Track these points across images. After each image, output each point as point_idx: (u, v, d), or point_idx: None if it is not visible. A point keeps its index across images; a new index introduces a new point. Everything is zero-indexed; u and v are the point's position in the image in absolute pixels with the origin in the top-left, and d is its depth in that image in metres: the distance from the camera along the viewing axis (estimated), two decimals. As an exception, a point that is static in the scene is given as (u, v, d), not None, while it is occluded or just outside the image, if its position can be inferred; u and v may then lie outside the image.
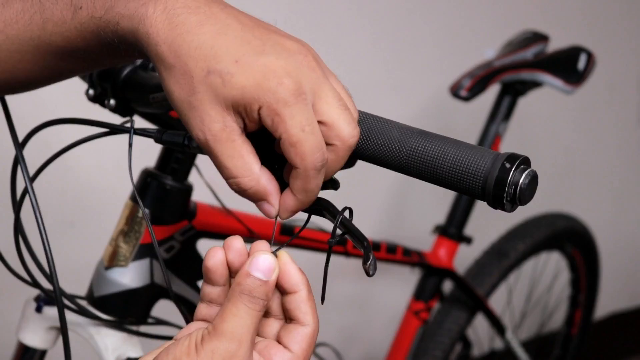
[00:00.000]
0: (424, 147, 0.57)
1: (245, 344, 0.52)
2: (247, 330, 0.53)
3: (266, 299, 0.54)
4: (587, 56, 1.56)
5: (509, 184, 0.54)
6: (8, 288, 1.13)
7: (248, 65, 0.53)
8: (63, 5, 0.58)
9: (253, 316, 0.53)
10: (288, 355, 0.55)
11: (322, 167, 0.54)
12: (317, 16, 1.71)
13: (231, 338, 0.52)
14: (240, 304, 0.54)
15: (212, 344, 0.52)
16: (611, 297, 2.46)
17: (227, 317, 0.53)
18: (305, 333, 0.55)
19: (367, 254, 0.54)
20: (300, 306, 0.56)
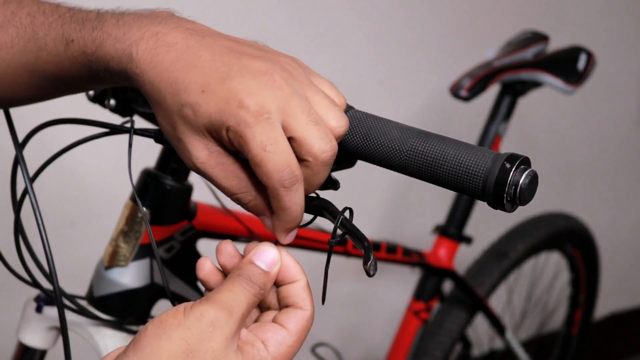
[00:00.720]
0: (424, 147, 0.57)
1: (234, 317, 0.53)
2: (239, 305, 0.54)
3: (264, 289, 0.55)
4: (587, 56, 1.56)
5: (509, 184, 0.54)
6: (8, 288, 1.12)
7: (213, 93, 0.55)
8: (55, 36, 0.60)
9: (247, 296, 0.54)
10: (282, 331, 0.55)
11: (293, 184, 0.55)
12: (317, 16, 1.71)
13: (222, 307, 0.53)
14: (237, 283, 0.55)
15: (202, 308, 0.53)
16: (611, 297, 2.46)
17: (222, 290, 0.54)
18: (303, 315, 0.56)
19: (367, 255, 0.54)
20: (300, 292, 0.57)
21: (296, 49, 1.77)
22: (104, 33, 0.58)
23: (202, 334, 0.52)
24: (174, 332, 0.52)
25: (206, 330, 0.52)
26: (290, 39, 1.67)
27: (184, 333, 0.52)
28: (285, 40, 1.66)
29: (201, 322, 0.52)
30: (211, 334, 0.52)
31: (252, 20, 1.60)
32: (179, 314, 0.53)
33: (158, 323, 0.53)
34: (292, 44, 1.68)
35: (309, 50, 1.71)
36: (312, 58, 1.85)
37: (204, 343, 0.52)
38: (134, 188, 0.65)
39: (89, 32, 0.59)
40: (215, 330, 0.52)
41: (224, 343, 0.52)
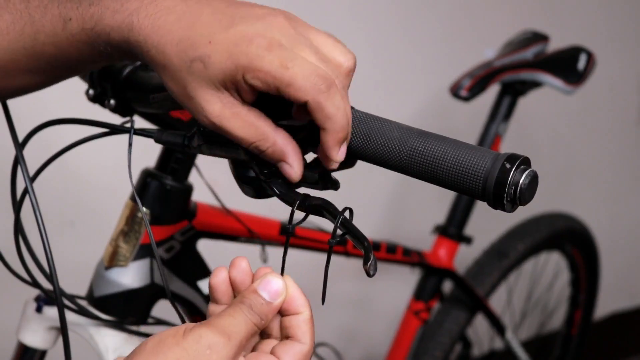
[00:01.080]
0: (424, 148, 0.57)
1: (232, 342, 0.53)
2: (239, 331, 0.53)
3: (265, 319, 0.55)
4: (587, 56, 1.56)
5: (509, 184, 0.54)
6: (8, 288, 1.12)
7: (220, 42, 0.56)
8: (52, 17, 0.60)
9: (248, 324, 0.54)
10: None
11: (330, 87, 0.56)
12: (317, 16, 1.71)
13: (221, 332, 0.53)
14: (239, 310, 0.55)
15: (201, 331, 0.52)
16: (611, 297, 2.46)
17: (223, 315, 0.54)
18: (301, 349, 0.56)
19: (367, 255, 0.54)
20: (301, 325, 0.56)
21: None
22: (102, 7, 0.58)
23: (198, 356, 0.51)
24: (171, 352, 0.52)
25: (203, 353, 0.51)
26: (290, 39, 1.67)
27: (180, 353, 0.51)
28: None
29: (199, 345, 0.52)
30: (208, 356, 0.51)
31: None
32: (179, 334, 0.52)
33: (157, 341, 0.52)
34: (292, 44, 1.68)
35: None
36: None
37: None
38: (134, 188, 0.65)
39: (86, 9, 0.59)
40: (212, 353, 0.52)
41: None
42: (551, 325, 2.18)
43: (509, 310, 1.97)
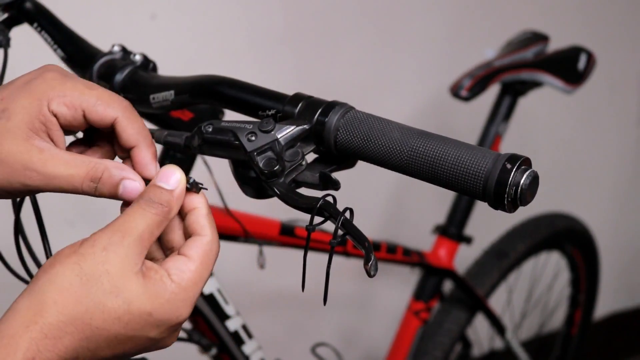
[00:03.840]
0: (424, 148, 0.57)
1: (128, 238, 0.52)
2: (135, 226, 0.53)
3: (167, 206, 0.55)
4: (587, 56, 1.56)
5: (510, 185, 0.54)
6: (8, 288, 1.12)
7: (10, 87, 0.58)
8: None
9: (145, 216, 0.54)
10: (183, 258, 0.55)
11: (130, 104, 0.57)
12: (316, 16, 1.71)
13: (115, 230, 0.53)
14: (135, 206, 0.54)
15: (95, 235, 0.53)
16: (611, 297, 2.46)
17: (119, 217, 0.54)
18: (203, 241, 0.56)
19: (368, 255, 0.54)
20: (200, 220, 0.57)
21: (296, 49, 1.78)
22: None
23: (95, 258, 0.51)
24: (68, 259, 0.52)
25: (100, 254, 0.51)
26: (290, 39, 1.67)
27: (77, 258, 0.52)
28: (285, 41, 1.66)
29: (94, 247, 0.52)
30: (105, 257, 0.51)
31: (252, 21, 1.60)
32: (76, 244, 0.53)
33: (55, 255, 0.53)
34: (292, 44, 1.68)
35: (309, 50, 1.71)
36: (312, 58, 1.86)
37: (98, 266, 0.51)
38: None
39: None
40: (109, 253, 0.52)
41: (120, 265, 0.51)
42: (551, 325, 2.18)
43: (509, 310, 1.97)
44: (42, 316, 0.50)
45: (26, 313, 0.50)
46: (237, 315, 1.10)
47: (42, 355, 0.49)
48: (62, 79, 0.57)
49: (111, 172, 0.56)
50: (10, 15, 0.87)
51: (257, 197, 0.62)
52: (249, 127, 0.60)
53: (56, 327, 0.50)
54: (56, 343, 0.50)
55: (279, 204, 0.61)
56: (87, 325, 0.50)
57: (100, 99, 0.56)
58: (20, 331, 0.49)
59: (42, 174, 0.55)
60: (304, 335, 1.82)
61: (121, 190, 0.56)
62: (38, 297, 0.51)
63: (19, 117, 0.55)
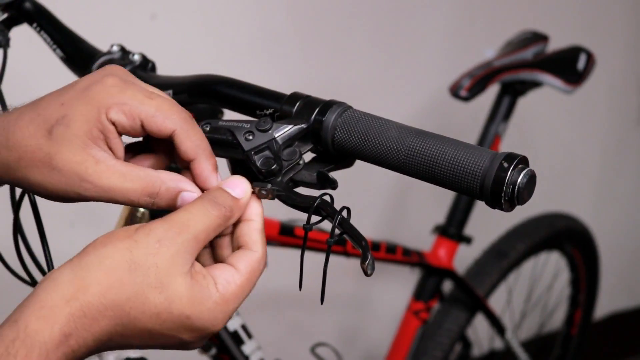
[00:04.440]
0: (422, 147, 0.57)
1: (184, 235, 0.52)
2: (194, 224, 0.52)
3: (230, 212, 0.54)
4: (586, 56, 1.56)
5: (507, 184, 0.54)
6: (8, 288, 1.12)
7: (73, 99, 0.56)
8: None
9: (206, 216, 0.53)
10: (232, 270, 0.54)
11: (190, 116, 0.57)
12: (316, 16, 1.71)
13: (172, 225, 0.52)
14: (198, 204, 0.54)
15: (152, 225, 0.52)
16: (611, 297, 2.46)
17: (179, 210, 0.53)
18: (253, 257, 0.55)
19: (365, 254, 0.54)
20: (252, 234, 0.56)
21: (296, 49, 1.78)
22: None
23: (148, 248, 0.51)
24: (121, 243, 0.51)
25: (153, 246, 0.51)
26: (290, 39, 1.67)
27: (130, 244, 0.51)
28: (284, 40, 1.66)
29: (149, 237, 0.51)
30: (157, 249, 0.51)
31: (252, 20, 1.60)
32: (131, 229, 0.52)
33: (108, 234, 0.52)
34: (292, 44, 1.68)
35: (309, 50, 1.71)
36: (311, 58, 1.86)
37: (149, 257, 0.51)
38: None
39: None
40: (162, 246, 0.51)
41: (169, 261, 0.51)
42: (551, 325, 2.18)
43: (509, 310, 1.97)
44: (84, 294, 0.50)
45: (68, 287, 0.50)
46: (237, 315, 1.10)
47: (78, 333, 0.49)
48: (123, 85, 0.55)
49: (168, 186, 0.56)
50: (9, 15, 0.87)
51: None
52: (246, 126, 0.60)
53: (96, 308, 0.50)
54: (93, 323, 0.50)
55: (278, 204, 0.61)
56: (125, 313, 0.50)
57: (159, 109, 0.55)
58: (60, 304, 0.49)
59: (98, 186, 0.54)
60: (304, 335, 1.82)
61: (179, 203, 0.56)
62: (82, 273, 0.50)
63: (77, 124, 0.54)
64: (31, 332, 0.48)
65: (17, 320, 0.49)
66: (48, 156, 0.54)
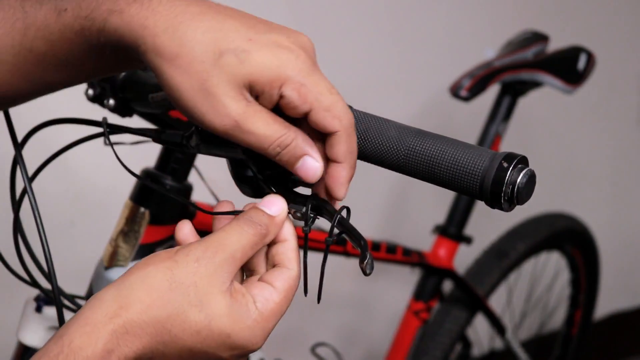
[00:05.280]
0: (421, 147, 0.57)
1: (220, 255, 0.53)
2: (231, 243, 0.53)
3: (266, 230, 0.55)
4: (587, 56, 1.56)
5: (506, 183, 0.54)
6: (8, 288, 1.13)
7: (262, 42, 0.53)
8: (46, 10, 0.57)
9: (243, 235, 0.54)
10: (270, 288, 0.55)
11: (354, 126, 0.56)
12: (317, 16, 1.71)
13: (210, 244, 0.53)
14: (234, 224, 0.55)
15: (191, 246, 0.53)
16: (611, 297, 2.46)
17: (217, 231, 0.54)
18: (289, 275, 0.56)
19: (363, 253, 0.55)
20: (288, 252, 0.56)
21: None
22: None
23: (187, 268, 0.52)
24: (162, 263, 0.52)
25: (192, 265, 0.52)
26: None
27: (170, 264, 0.52)
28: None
29: (188, 257, 0.52)
30: (196, 269, 0.52)
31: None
32: (172, 250, 0.53)
33: (152, 255, 0.53)
34: (292, 44, 1.68)
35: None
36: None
37: (188, 276, 0.52)
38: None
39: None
40: (200, 266, 0.52)
41: (208, 280, 0.52)
42: (551, 325, 2.18)
43: (509, 310, 1.97)
44: (127, 311, 0.51)
45: (111, 305, 0.51)
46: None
47: (120, 350, 0.50)
48: (312, 67, 0.54)
49: (298, 143, 0.55)
50: None
51: (254, 196, 0.62)
52: (246, 126, 0.60)
53: (138, 325, 0.51)
54: (135, 340, 0.51)
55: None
56: (166, 330, 0.51)
57: (334, 106, 0.54)
58: (104, 321, 0.50)
59: (240, 126, 0.53)
60: (304, 335, 1.83)
61: (299, 164, 0.55)
62: (125, 292, 0.51)
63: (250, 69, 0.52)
64: (75, 348, 0.49)
65: (62, 336, 0.50)
66: (205, 73, 0.52)
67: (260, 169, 0.60)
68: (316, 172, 0.56)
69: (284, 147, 0.54)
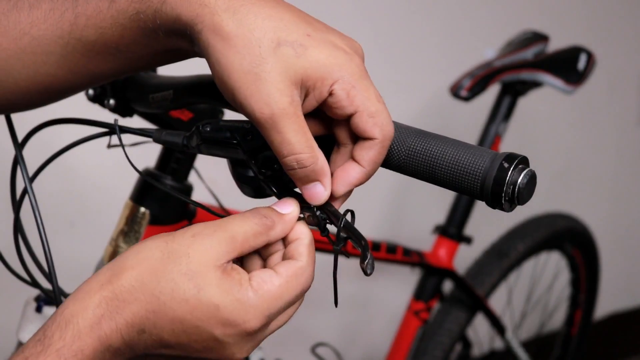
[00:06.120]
0: (422, 147, 0.57)
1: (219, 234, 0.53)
2: (232, 227, 0.53)
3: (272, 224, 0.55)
4: (587, 56, 1.56)
5: (507, 184, 0.54)
6: (8, 288, 1.13)
7: (319, 40, 0.53)
8: None
9: (247, 222, 0.54)
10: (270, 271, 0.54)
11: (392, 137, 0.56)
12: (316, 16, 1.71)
13: (211, 224, 0.54)
14: (241, 214, 0.55)
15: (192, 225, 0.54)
16: (611, 297, 2.46)
17: (228, 218, 0.55)
18: (295, 264, 0.55)
19: (364, 253, 0.55)
20: (299, 246, 0.56)
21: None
22: None
23: (182, 241, 0.52)
24: (160, 238, 0.53)
25: (188, 239, 0.53)
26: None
27: (167, 238, 0.53)
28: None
29: (185, 232, 0.53)
30: (191, 242, 0.52)
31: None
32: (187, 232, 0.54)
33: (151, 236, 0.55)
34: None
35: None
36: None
37: (182, 248, 0.52)
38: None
39: None
40: (196, 240, 0.52)
41: (202, 253, 0.52)
42: (551, 325, 2.18)
43: (509, 310, 1.97)
44: (118, 278, 0.52)
45: (105, 273, 0.53)
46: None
47: (110, 315, 0.51)
48: (363, 73, 0.54)
49: (315, 169, 0.55)
50: None
51: (255, 197, 0.62)
52: (247, 126, 0.60)
53: (127, 290, 0.51)
54: (124, 306, 0.51)
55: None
56: (155, 297, 0.51)
57: (379, 114, 0.54)
58: (95, 288, 0.52)
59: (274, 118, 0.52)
60: (304, 335, 1.83)
61: (309, 187, 0.56)
62: (120, 262, 0.53)
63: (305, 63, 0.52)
64: (67, 315, 0.51)
65: (61, 307, 0.52)
66: (259, 58, 0.52)
67: (260, 169, 0.60)
68: (320, 199, 0.57)
69: (301, 166, 0.55)
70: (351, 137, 0.57)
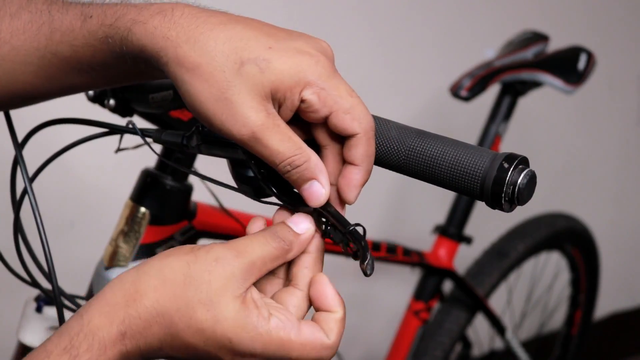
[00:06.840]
0: (422, 147, 0.57)
1: (240, 259, 0.53)
2: (252, 251, 0.54)
3: (289, 246, 0.55)
4: (587, 56, 1.56)
5: (507, 184, 0.54)
6: (8, 288, 1.13)
7: (282, 49, 0.54)
8: (72, 16, 0.58)
9: (266, 245, 0.54)
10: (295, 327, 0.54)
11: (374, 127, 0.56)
12: (316, 16, 1.71)
13: (231, 247, 0.53)
14: (260, 234, 0.55)
15: (214, 245, 0.54)
16: (611, 297, 2.46)
17: (241, 238, 0.55)
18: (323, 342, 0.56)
19: (364, 254, 0.55)
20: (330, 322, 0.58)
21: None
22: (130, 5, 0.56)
23: (204, 265, 0.52)
24: (183, 255, 0.53)
25: (210, 263, 0.52)
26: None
27: (190, 258, 0.53)
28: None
29: (208, 255, 0.53)
30: (213, 267, 0.52)
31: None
32: (196, 246, 0.54)
33: (177, 247, 0.55)
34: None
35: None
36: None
37: (203, 274, 0.52)
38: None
39: (111, 6, 0.57)
40: (218, 265, 0.52)
41: (222, 282, 0.52)
42: (551, 325, 2.18)
43: (509, 310, 1.97)
44: (142, 297, 0.52)
45: (129, 288, 0.53)
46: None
47: (132, 334, 0.52)
48: (331, 71, 0.55)
49: (309, 166, 0.55)
50: None
51: (255, 197, 0.62)
52: (247, 126, 0.60)
53: (149, 313, 0.52)
54: (146, 327, 0.52)
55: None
56: (173, 324, 0.52)
57: (353, 109, 0.54)
58: (121, 302, 0.52)
59: (256, 137, 0.53)
60: (304, 335, 1.82)
61: (307, 186, 0.56)
62: (144, 278, 0.53)
63: (272, 77, 0.53)
64: (93, 327, 0.51)
65: (83, 315, 0.52)
66: (226, 82, 0.53)
67: (260, 169, 0.60)
68: (320, 198, 0.56)
69: (294, 167, 0.55)
70: (331, 137, 0.57)
